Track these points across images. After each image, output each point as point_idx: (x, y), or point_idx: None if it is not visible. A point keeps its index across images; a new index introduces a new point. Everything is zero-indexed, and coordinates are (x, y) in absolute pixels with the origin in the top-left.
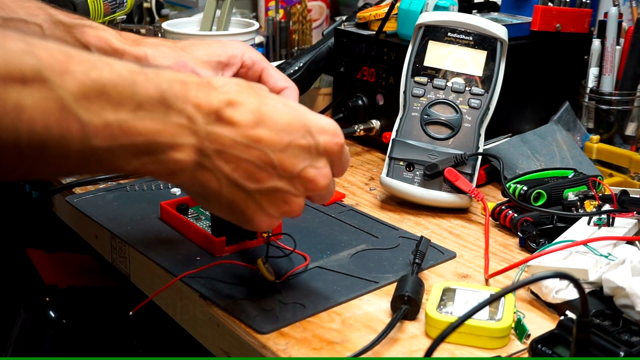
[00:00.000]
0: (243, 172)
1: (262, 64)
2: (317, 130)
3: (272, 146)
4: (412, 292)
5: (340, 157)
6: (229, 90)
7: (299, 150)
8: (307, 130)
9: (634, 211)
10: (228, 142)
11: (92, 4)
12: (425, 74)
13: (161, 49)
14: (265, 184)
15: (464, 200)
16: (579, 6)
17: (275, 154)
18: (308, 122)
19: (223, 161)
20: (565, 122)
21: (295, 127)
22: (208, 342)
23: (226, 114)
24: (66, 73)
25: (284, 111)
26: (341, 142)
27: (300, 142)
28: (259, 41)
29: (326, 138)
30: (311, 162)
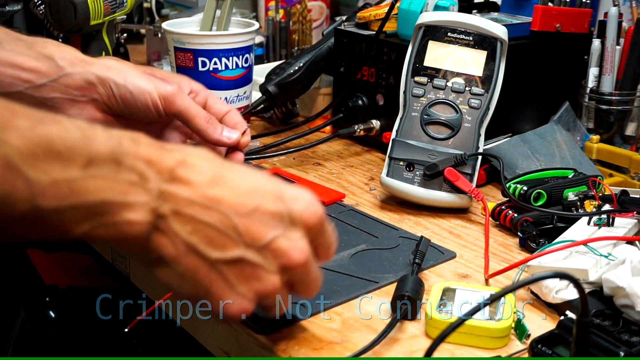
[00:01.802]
0: (203, 236)
1: (206, 91)
2: (290, 197)
3: (235, 209)
4: (412, 292)
5: (321, 232)
6: (183, 151)
7: (268, 216)
8: (278, 195)
9: (634, 211)
10: (184, 201)
11: (92, 4)
12: (425, 74)
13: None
14: (230, 252)
15: (464, 200)
16: (579, 6)
17: (240, 218)
18: (278, 188)
19: (180, 222)
20: (565, 122)
21: (262, 191)
22: (208, 342)
23: (180, 173)
24: (10, 129)
25: (249, 176)
26: (320, 213)
27: (270, 207)
28: (259, 41)
29: (301, 206)
30: (283, 232)
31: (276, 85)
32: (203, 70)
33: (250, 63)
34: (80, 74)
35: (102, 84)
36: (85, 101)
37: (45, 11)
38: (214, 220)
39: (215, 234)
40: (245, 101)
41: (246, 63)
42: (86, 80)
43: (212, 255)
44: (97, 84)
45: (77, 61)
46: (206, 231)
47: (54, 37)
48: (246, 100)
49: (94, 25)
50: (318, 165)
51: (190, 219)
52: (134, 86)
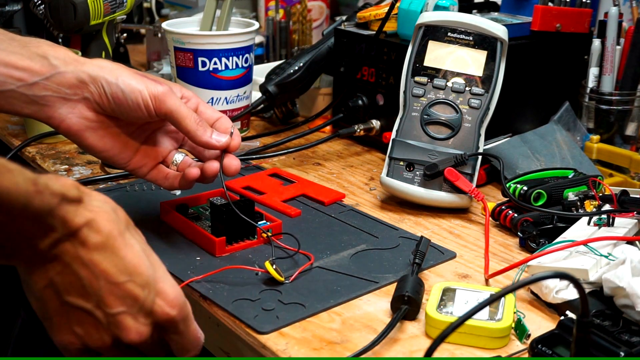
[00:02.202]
0: (66, 281)
1: (198, 98)
2: (157, 291)
3: (105, 276)
4: (412, 292)
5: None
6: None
7: (128, 297)
8: (147, 283)
9: (634, 211)
10: (70, 254)
11: (92, 4)
12: (425, 74)
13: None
14: (81, 302)
15: (464, 200)
16: (579, 6)
17: (105, 283)
18: (153, 278)
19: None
20: (565, 122)
21: (138, 273)
22: (208, 342)
23: (82, 233)
24: None
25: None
26: (172, 315)
27: (135, 291)
28: (259, 41)
29: (160, 303)
30: (132, 312)
31: (276, 85)
32: (203, 70)
33: (250, 63)
34: (72, 72)
35: (94, 82)
36: (76, 100)
37: (45, 11)
38: (83, 275)
39: (78, 285)
40: (245, 101)
41: (246, 63)
42: (78, 78)
43: (65, 298)
44: (89, 83)
45: (70, 60)
46: (71, 279)
47: (54, 37)
48: (246, 100)
49: (94, 25)
50: (318, 165)
51: (65, 265)
52: (126, 84)
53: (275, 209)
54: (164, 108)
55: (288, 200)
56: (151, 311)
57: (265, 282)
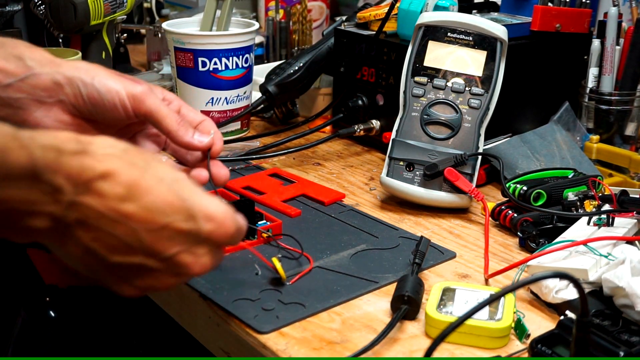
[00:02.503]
0: (104, 244)
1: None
2: (204, 216)
3: (144, 225)
4: (412, 292)
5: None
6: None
7: (176, 233)
8: (191, 214)
9: (633, 211)
10: (93, 214)
11: (92, 4)
12: (425, 74)
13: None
14: (130, 259)
15: (464, 200)
16: (578, 6)
17: (147, 233)
18: (194, 205)
19: (83, 231)
20: (565, 122)
21: (177, 208)
22: (208, 342)
23: (96, 186)
24: None
25: (168, 188)
26: (230, 232)
27: (180, 225)
28: (259, 41)
29: (212, 226)
30: (188, 248)
31: (276, 85)
32: (203, 70)
33: (250, 63)
34: (48, 74)
35: (70, 83)
36: (52, 103)
37: (45, 11)
38: (119, 232)
39: (118, 243)
40: (245, 101)
41: (246, 63)
42: (54, 80)
43: (112, 259)
44: (64, 85)
45: (46, 62)
46: (110, 241)
47: (54, 37)
48: (246, 100)
49: (94, 25)
50: (318, 165)
51: (95, 229)
52: (102, 84)
53: (275, 209)
54: (143, 108)
55: (288, 200)
56: (206, 238)
57: (265, 282)
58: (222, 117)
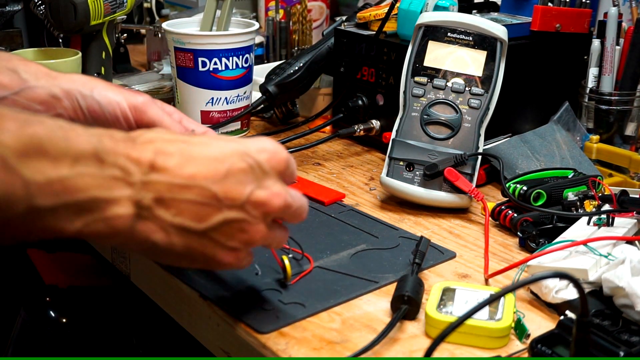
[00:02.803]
0: (187, 214)
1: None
2: (255, 151)
3: (210, 178)
4: (412, 292)
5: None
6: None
7: (241, 174)
8: (244, 153)
9: (633, 211)
10: (164, 187)
11: (92, 4)
12: (425, 74)
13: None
14: (214, 218)
15: (464, 200)
16: (578, 6)
17: (216, 185)
18: (242, 146)
19: (163, 208)
20: (565, 122)
21: (229, 154)
22: (208, 342)
23: (158, 163)
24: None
25: (213, 144)
26: (285, 157)
27: (240, 165)
28: (259, 41)
29: (267, 155)
30: (258, 184)
31: (276, 85)
32: (203, 70)
33: (250, 63)
34: (44, 87)
35: (68, 97)
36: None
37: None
38: (193, 195)
39: (198, 208)
40: (245, 101)
41: (246, 63)
42: (51, 94)
43: (200, 227)
44: (62, 98)
45: (41, 75)
46: (189, 208)
47: (54, 37)
48: (246, 100)
49: (94, 25)
50: (318, 165)
51: (172, 201)
52: (102, 96)
53: None
54: (146, 118)
55: None
56: (269, 168)
57: (266, 282)
58: (222, 117)
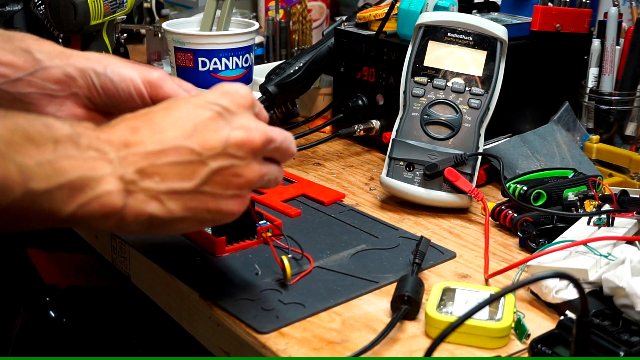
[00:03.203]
0: (172, 176)
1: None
2: (216, 97)
3: (181, 137)
4: (412, 292)
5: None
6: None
7: (210, 122)
8: (206, 102)
9: (633, 211)
10: (140, 158)
11: (92, 4)
12: (425, 74)
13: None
14: (202, 172)
15: (464, 200)
16: (579, 6)
17: (189, 140)
18: (204, 98)
19: (147, 178)
20: (565, 122)
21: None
22: (208, 342)
23: (129, 139)
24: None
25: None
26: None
27: (206, 115)
28: (259, 41)
29: (230, 97)
30: (231, 126)
31: (276, 85)
32: (203, 70)
33: (250, 63)
34: (58, 67)
35: (82, 75)
36: (64, 96)
37: (45, 11)
38: (171, 157)
39: (181, 168)
40: None
41: (246, 63)
42: (65, 73)
43: (190, 185)
44: (76, 77)
45: (55, 54)
46: (172, 170)
47: (54, 37)
48: None
49: (94, 25)
50: (318, 165)
51: (153, 168)
52: (115, 73)
53: (275, 209)
54: (161, 93)
55: (288, 200)
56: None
57: (266, 282)
58: None
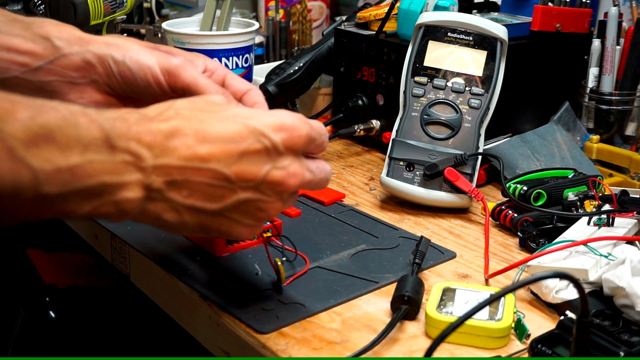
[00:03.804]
0: (200, 195)
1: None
2: (272, 130)
3: (224, 161)
4: (412, 292)
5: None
6: (169, 117)
7: (255, 156)
8: (260, 133)
9: (633, 211)
10: (175, 170)
11: (92, 4)
12: (425, 74)
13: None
14: (229, 200)
15: (464, 200)
16: (579, 6)
17: (230, 167)
18: (259, 125)
19: (175, 191)
20: (565, 122)
21: (245, 134)
22: (208, 342)
23: (169, 144)
24: (13, 120)
25: (229, 122)
26: (304, 134)
27: (255, 147)
28: (259, 41)
29: (283, 135)
30: (274, 164)
31: (276, 85)
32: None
33: (250, 63)
34: (78, 53)
35: (101, 62)
36: (84, 83)
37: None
38: (206, 178)
39: (211, 189)
40: None
41: (246, 63)
42: (84, 60)
43: (214, 208)
44: (96, 64)
45: (74, 40)
46: (202, 189)
47: None
48: None
49: (94, 25)
50: None
51: (184, 183)
52: (133, 61)
53: None
54: (180, 82)
55: None
56: (285, 148)
57: (265, 282)
58: None
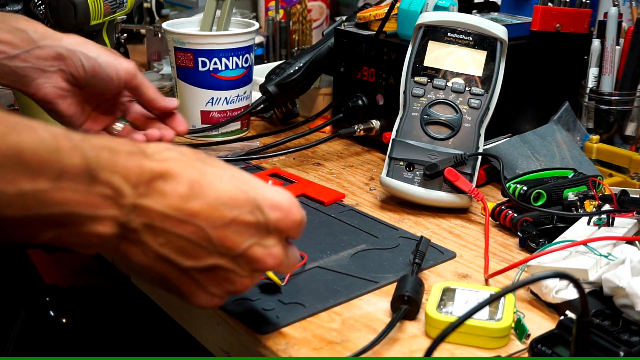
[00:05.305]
0: (174, 247)
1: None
2: (269, 206)
3: (211, 222)
4: (412, 292)
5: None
6: (166, 158)
7: (244, 227)
8: (256, 205)
9: (633, 211)
10: (157, 216)
11: (92, 4)
12: (425, 74)
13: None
14: (203, 261)
15: (464, 200)
16: (579, 6)
17: (215, 230)
18: (257, 196)
19: (151, 235)
20: (565, 122)
21: (241, 202)
22: (208, 342)
23: (158, 186)
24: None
25: (229, 183)
26: (298, 219)
27: (247, 218)
28: (259, 41)
29: (278, 215)
30: (259, 240)
31: (276, 85)
32: (203, 70)
33: (250, 63)
34: (51, 47)
35: (72, 56)
36: (53, 71)
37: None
38: (187, 233)
39: (188, 245)
40: (245, 101)
41: (246, 63)
42: (57, 52)
43: (185, 264)
44: (67, 57)
45: (48, 35)
46: (179, 243)
47: None
48: (246, 100)
49: (94, 25)
50: (318, 165)
51: (163, 231)
52: (103, 59)
53: None
54: (134, 82)
55: None
56: (275, 228)
57: (266, 282)
58: (222, 117)
